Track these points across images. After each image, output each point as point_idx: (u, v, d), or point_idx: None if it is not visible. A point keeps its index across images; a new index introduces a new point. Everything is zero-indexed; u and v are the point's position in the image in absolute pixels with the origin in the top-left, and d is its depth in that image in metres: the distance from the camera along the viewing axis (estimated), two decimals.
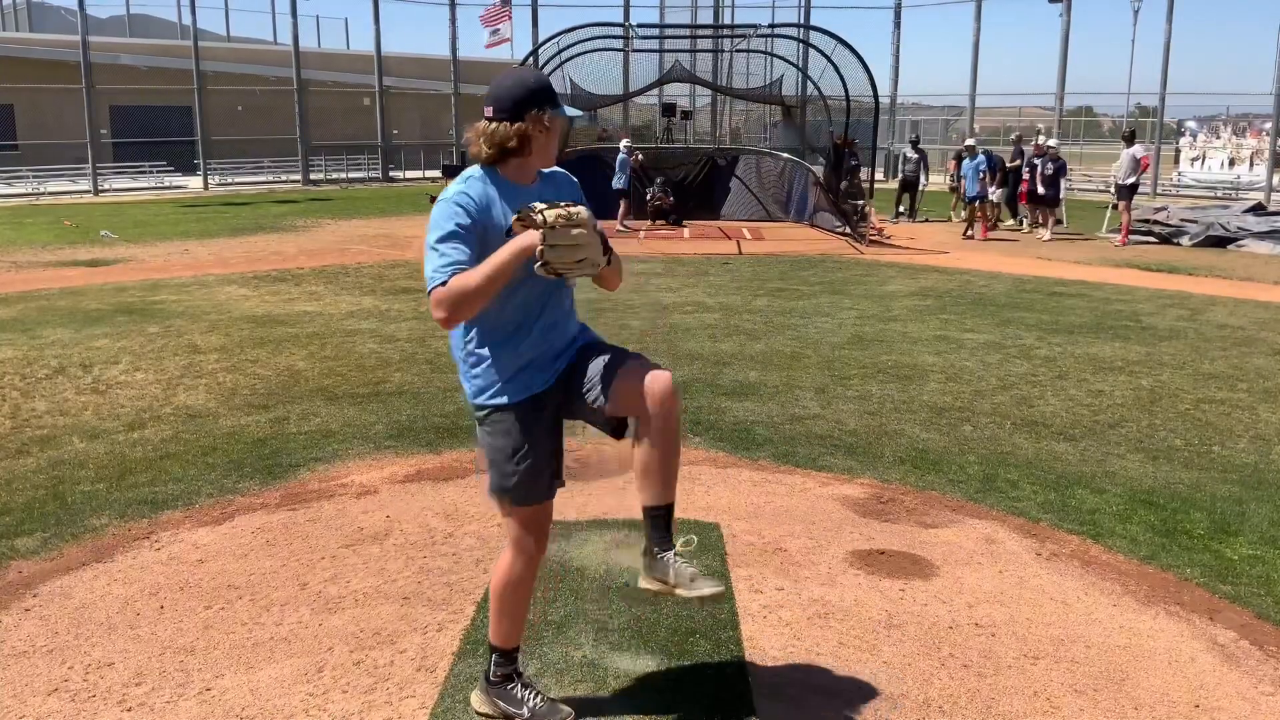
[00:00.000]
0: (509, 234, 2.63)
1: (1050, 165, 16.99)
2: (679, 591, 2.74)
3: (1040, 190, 17.27)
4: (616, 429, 2.87)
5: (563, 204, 2.62)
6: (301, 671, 3.32)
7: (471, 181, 2.73)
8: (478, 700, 3.07)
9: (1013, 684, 3.30)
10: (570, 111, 2.84)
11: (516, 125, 2.68)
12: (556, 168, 2.90)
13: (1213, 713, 3.17)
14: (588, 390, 2.82)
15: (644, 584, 2.82)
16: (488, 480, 2.90)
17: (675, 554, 2.75)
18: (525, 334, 2.80)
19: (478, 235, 2.66)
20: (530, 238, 2.56)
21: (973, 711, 3.14)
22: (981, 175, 17.26)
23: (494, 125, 2.69)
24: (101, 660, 3.40)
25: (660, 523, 2.78)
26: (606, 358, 2.83)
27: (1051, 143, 17.89)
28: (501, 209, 2.70)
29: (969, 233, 17.37)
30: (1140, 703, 3.21)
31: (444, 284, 2.59)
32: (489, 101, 2.72)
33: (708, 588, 2.75)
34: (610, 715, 3.08)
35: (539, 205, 2.59)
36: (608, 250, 2.70)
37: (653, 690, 3.20)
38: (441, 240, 2.64)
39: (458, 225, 2.64)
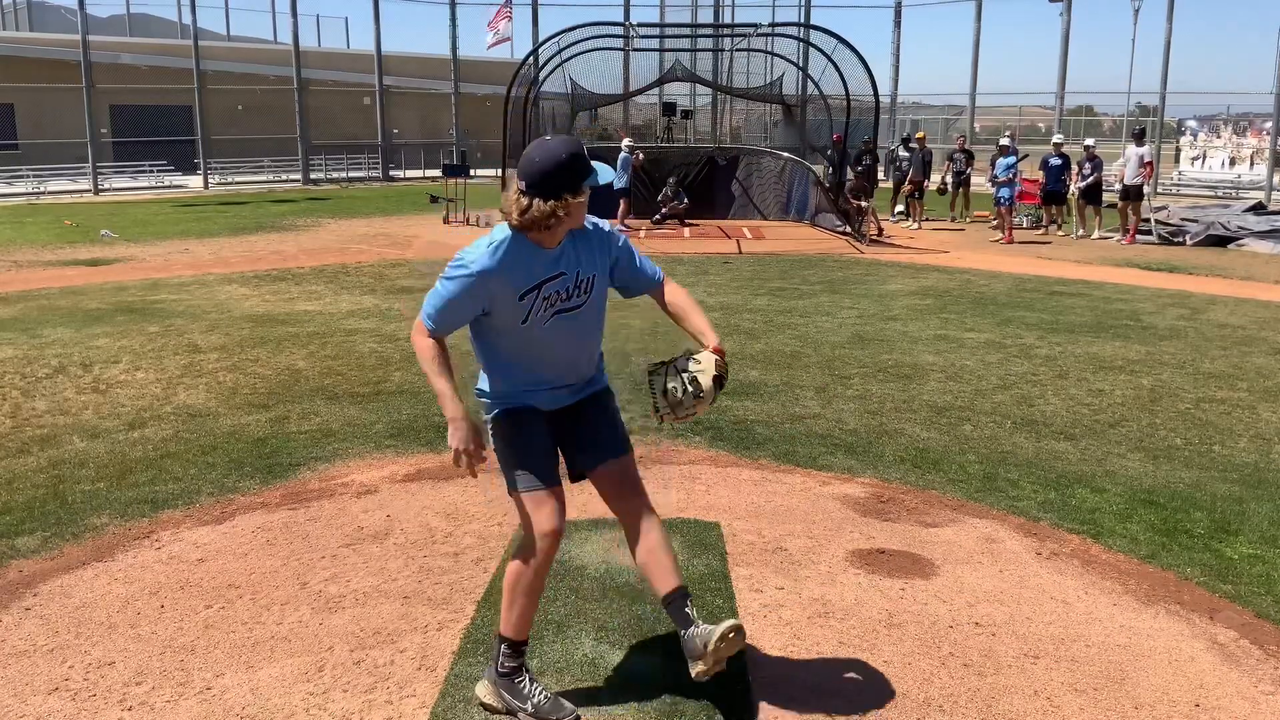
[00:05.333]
0: (521, 298, 2.86)
1: (1089, 165, 17.03)
2: (709, 658, 2.90)
3: (1075, 189, 17.37)
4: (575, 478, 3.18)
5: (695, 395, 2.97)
6: (302, 671, 3.33)
7: (498, 247, 2.86)
8: (484, 690, 3.09)
9: (1013, 683, 3.30)
10: (602, 178, 2.91)
11: (549, 203, 2.76)
12: (589, 221, 2.98)
13: (1213, 712, 3.17)
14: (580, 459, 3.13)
15: (694, 671, 2.96)
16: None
17: (692, 625, 2.96)
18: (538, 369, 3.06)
19: (486, 297, 2.87)
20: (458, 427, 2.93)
21: (973, 711, 3.14)
22: (1011, 176, 16.89)
23: (526, 201, 2.77)
24: (102, 659, 3.40)
25: (675, 606, 3.01)
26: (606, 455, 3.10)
27: (1089, 142, 17.93)
28: (521, 273, 2.86)
29: (997, 238, 16.86)
30: (1140, 702, 3.21)
31: (431, 331, 2.94)
32: (522, 175, 2.79)
33: (723, 628, 2.88)
34: (611, 715, 3.08)
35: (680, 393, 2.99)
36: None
37: (653, 690, 3.20)
38: (449, 292, 2.88)
39: (468, 290, 2.85)
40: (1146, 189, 16.83)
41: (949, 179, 19.88)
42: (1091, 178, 17.17)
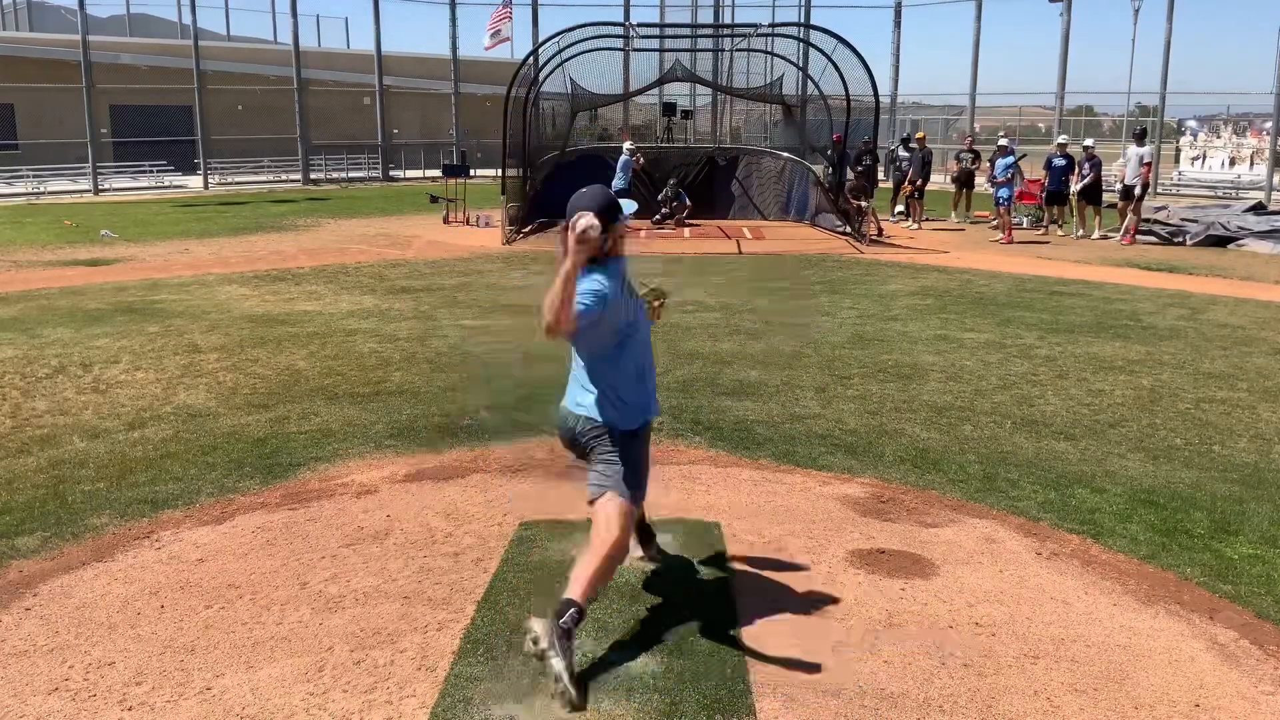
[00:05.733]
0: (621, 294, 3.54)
1: (1088, 165, 17.03)
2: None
3: (1074, 189, 17.39)
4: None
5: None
6: (302, 671, 3.33)
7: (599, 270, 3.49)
8: (540, 627, 3.14)
9: (1013, 683, 3.30)
10: (627, 212, 3.62)
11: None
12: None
13: (1213, 712, 3.18)
14: None
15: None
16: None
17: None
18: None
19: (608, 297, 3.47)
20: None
21: (973, 711, 3.14)
22: (1010, 176, 16.90)
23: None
24: (102, 659, 3.40)
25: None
26: None
27: (1089, 142, 17.94)
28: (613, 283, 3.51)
29: (997, 238, 16.91)
30: (1140, 702, 3.21)
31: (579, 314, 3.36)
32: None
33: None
34: (611, 715, 3.08)
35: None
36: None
37: (653, 690, 3.20)
38: (594, 286, 3.41)
39: (599, 287, 3.42)
40: (1137, 191, 16.81)
41: (959, 175, 19.93)
42: (1090, 177, 17.18)
